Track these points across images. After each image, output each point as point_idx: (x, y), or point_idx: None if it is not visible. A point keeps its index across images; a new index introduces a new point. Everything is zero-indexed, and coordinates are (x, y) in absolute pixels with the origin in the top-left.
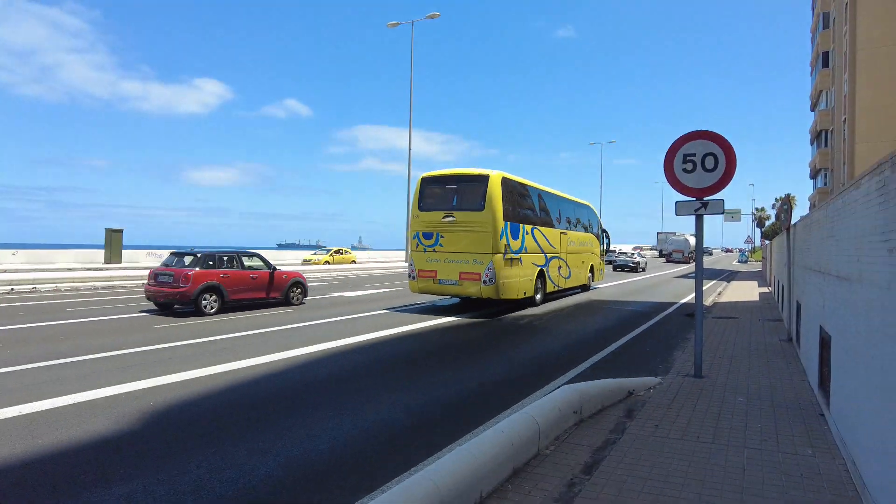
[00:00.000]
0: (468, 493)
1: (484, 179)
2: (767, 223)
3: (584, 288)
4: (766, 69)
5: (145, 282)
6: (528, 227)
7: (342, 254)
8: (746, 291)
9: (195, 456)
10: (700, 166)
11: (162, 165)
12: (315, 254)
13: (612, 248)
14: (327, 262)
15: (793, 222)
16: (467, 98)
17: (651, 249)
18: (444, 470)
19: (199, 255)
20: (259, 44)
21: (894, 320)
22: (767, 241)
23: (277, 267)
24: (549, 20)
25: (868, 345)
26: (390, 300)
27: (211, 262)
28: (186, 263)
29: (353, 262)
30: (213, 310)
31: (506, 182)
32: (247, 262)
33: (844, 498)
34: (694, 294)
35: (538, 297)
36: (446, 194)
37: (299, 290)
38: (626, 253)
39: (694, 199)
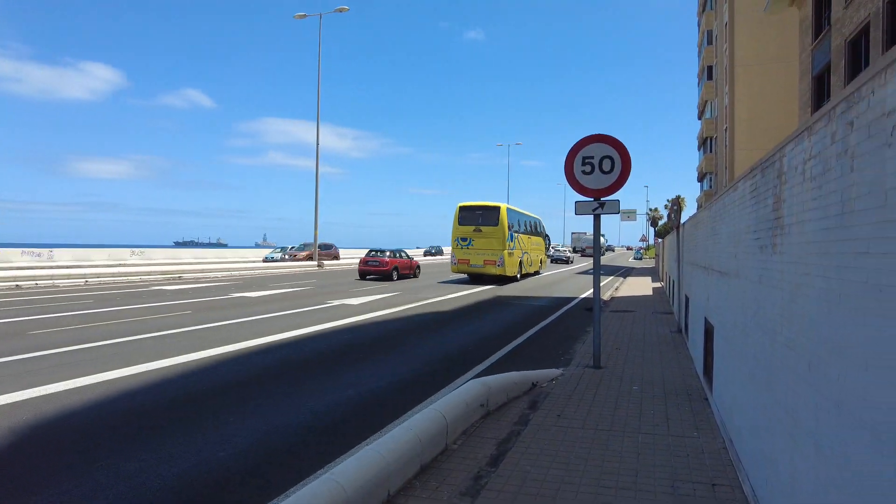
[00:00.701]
0: (375, 493)
1: (497, 208)
2: (660, 223)
3: (537, 272)
4: (662, 78)
5: (357, 263)
6: (516, 234)
7: None
8: (641, 286)
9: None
10: (598, 168)
11: (43, 156)
12: None
13: (550, 246)
14: None
15: (682, 222)
16: (380, 95)
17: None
18: (351, 470)
19: (388, 251)
20: (156, 28)
21: (764, 312)
22: (660, 240)
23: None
24: (458, 21)
25: (743, 335)
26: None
27: (393, 254)
28: (382, 254)
29: None
30: (396, 278)
31: (508, 209)
32: (403, 254)
33: (722, 473)
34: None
35: (518, 276)
36: (474, 216)
37: (419, 269)
38: (559, 250)
39: (592, 199)
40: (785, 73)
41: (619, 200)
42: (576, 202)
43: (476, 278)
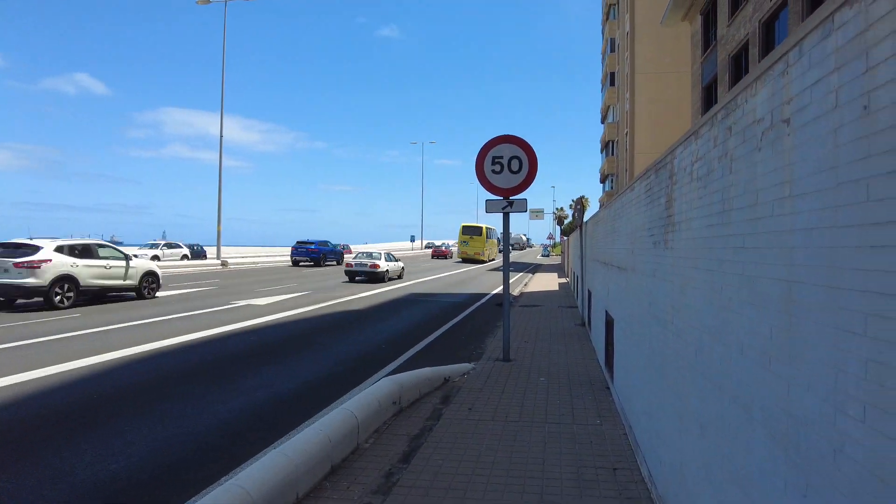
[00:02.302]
0: (283, 496)
1: (482, 227)
2: (566, 221)
3: (493, 260)
4: (570, 83)
5: (430, 251)
6: (489, 240)
7: None
8: (548, 282)
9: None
10: (507, 168)
11: None
12: None
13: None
14: None
15: (585, 220)
16: (294, 88)
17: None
18: (257, 475)
19: (443, 245)
20: (41, 5)
21: (658, 304)
22: (565, 238)
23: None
24: (373, 17)
25: (640, 326)
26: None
27: (445, 245)
28: (439, 247)
29: None
30: (452, 258)
31: (487, 228)
32: (447, 246)
33: (623, 458)
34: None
35: (487, 260)
36: (470, 230)
37: (449, 253)
38: None
39: (502, 198)
40: (680, 82)
41: (526, 199)
42: (486, 200)
43: (468, 260)
